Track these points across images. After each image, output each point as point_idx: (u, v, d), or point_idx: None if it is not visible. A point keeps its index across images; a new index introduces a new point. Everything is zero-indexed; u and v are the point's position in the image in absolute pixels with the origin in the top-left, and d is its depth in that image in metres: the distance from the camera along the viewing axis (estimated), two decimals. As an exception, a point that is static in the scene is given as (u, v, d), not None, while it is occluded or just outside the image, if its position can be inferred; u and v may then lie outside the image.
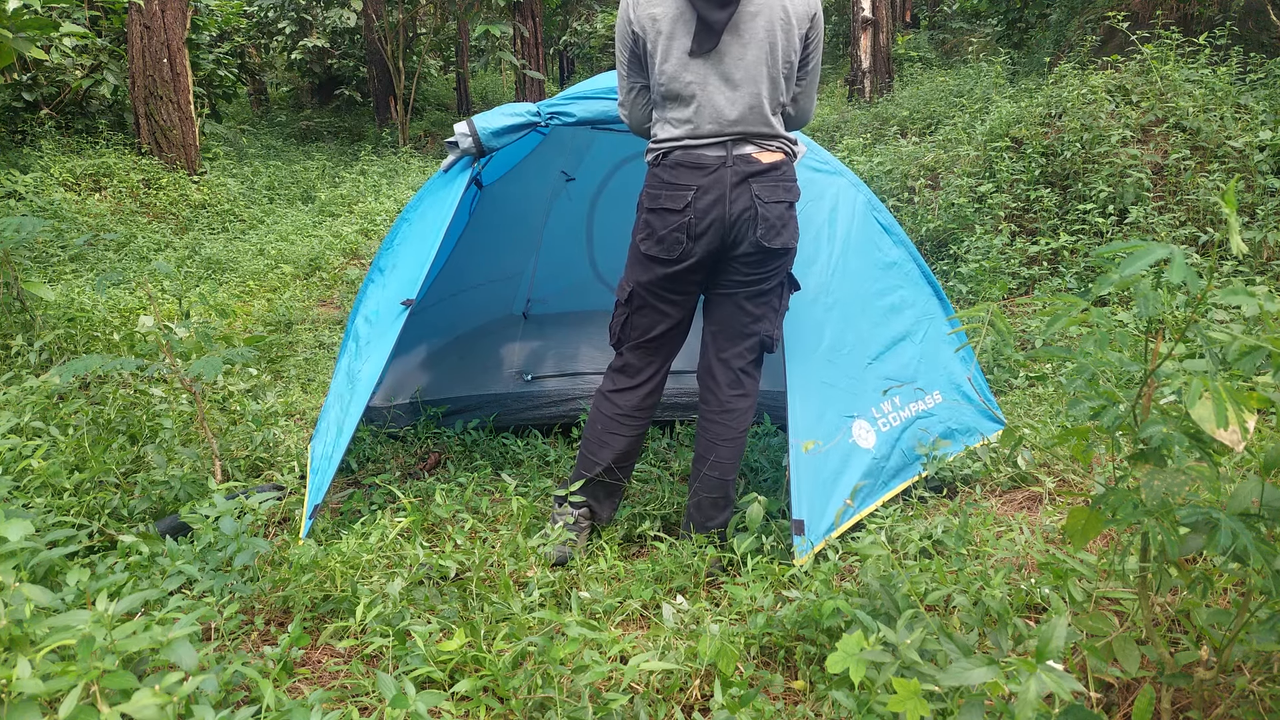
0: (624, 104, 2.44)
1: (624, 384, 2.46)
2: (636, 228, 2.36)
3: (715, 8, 2.15)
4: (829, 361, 2.47)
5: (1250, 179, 4.83)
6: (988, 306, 1.69)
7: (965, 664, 1.25)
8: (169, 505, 2.56)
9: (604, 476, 2.46)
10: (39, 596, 1.33)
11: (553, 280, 4.24)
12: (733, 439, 2.41)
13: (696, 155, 2.24)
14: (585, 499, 2.45)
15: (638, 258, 2.36)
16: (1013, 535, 2.16)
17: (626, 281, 2.41)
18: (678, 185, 2.24)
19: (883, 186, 6.27)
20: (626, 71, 2.38)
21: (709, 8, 2.15)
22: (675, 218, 2.25)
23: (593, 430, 2.48)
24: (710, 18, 2.16)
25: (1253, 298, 1.23)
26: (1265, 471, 1.28)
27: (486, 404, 3.57)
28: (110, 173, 7.88)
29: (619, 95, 2.45)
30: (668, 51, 2.22)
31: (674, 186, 2.25)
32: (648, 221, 2.30)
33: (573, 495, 2.43)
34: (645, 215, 2.32)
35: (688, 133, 2.24)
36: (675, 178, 2.25)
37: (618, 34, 2.37)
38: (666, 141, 2.28)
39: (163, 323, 2.82)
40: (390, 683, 1.45)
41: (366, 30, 13.31)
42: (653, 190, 2.30)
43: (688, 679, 1.71)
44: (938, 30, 18.65)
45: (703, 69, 2.21)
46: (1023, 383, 3.60)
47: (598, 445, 2.46)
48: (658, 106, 2.33)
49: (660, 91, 2.28)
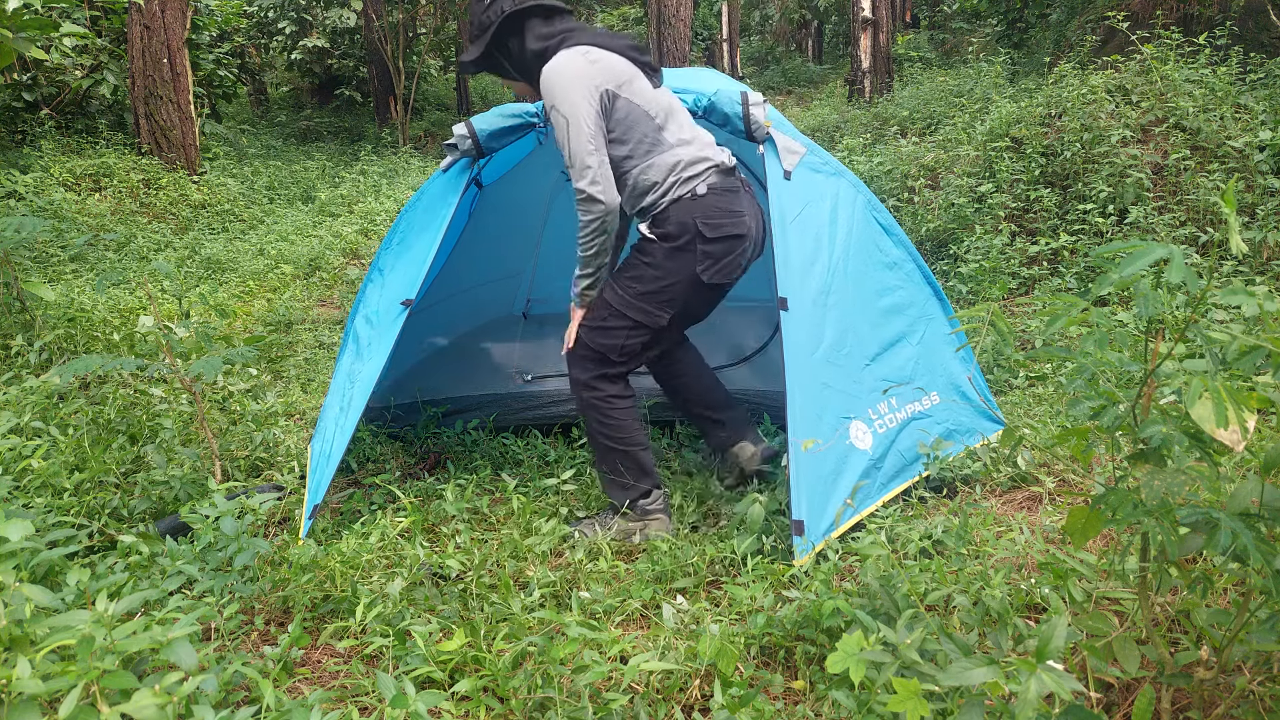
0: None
1: (627, 392, 2.60)
2: (684, 260, 2.42)
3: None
4: (828, 362, 2.47)
5: (1250, 179, 4.83)
6: (988, 306, 1.69)
7: (965, 664, 1.25)
8: (169, 505, 2.56)
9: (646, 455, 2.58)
10: (39, 596, 1.33)
11: (553, 280, 4.23)
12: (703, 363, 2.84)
13: (731, 180, 2.48)
14: (654, 482, 2.57)
15: (692, 286, 2.44)
16: (1013, 535, 2.16)
17: (656, 309, 2.46)
18: (736, 210, 2.42)
19: (883, 186, 6.27)
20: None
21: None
22: (740, 243, 2.44)
23: (623, 430, 2.54)
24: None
25: (1253, 298, 1.23)
26: (1265, 471, 1.28)
27: (486, 404, 3.56)
28: (110, 173, 7.87)
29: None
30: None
31: (734, 213, 2.43)
32: (709, 253, 2.39)
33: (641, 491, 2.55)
34: (705, 246, 2.39)
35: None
36: (731, 204, 2.43)
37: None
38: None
39: (163, 323, 2.81)
40: (390, 683, 1.45)
41: (366, 30, 13.31)
42: (712, 218, 2.40)
43: (688, 679, 1.71)
44: (938, 30, 18.66)
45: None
46: (1023, 383, 3.60)
47: (638, 434, 2.55)
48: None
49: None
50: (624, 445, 2.54)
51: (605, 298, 2.49)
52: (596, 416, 2.54)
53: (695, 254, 2.40)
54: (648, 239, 2.44)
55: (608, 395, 2.53)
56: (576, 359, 2.55)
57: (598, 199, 2.29)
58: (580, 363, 2.54)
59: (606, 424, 2.53)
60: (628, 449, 2.54)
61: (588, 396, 2.53)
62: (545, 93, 2.32)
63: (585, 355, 2.53)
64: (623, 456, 2.54)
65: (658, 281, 2.42)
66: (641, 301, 2.44)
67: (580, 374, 2.54)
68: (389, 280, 2.89)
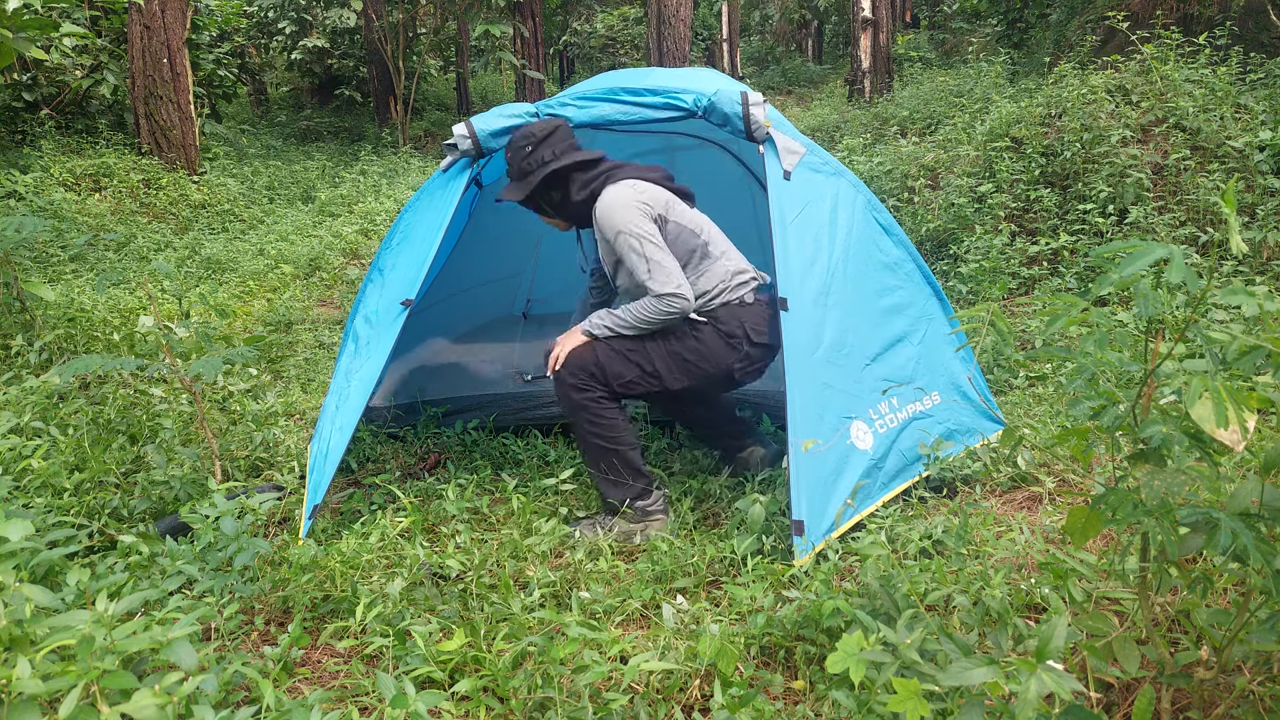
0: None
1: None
2: (727, 352, 2.57)
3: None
4: (829, 362, 2.46)
5: (1250, 179, 4.83)
6: (988, 306, 1.69)
7: (965, 664, 1.25)
8: (169, 505, 2.56)
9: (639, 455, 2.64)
10: (39, 596, 1.33)
11: (553, 280, 4.23)
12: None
13: (767, 294, 2.65)
14: (648, 481, 2.60)
15: (722, 375, 2.60)
16: (1013, 535, 2.16)
17: (681, 375, 2.57)
18: (775, 323, 2.53)
19: (883, 186, 6.26)
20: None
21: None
22: (773, 353, 2.63)
23: (615, 429, 2.57)
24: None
25: (1253, 298, 1.23)
26: (1265, 471, 1.28)
27: (486, 404, 3.56)
28: (110, 173, 7.87)
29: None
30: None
31: (773, 325, 2.55)
32: (749, 355, 2.59)
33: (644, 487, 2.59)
34: (749, 349, 2.58)
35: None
36: (771, 316, 2.58)
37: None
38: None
39: (163, 323, 2.81)
40: (390, 683, 1.45)
41: (366, 30, 13.30)
42: (759, 326, 2.58)
43: (688, 679, 1.71)
44: (938, 30, 18.66)
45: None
46: (1023, 383, 3.60)
47: (627, 433, 2.60)
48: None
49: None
50: (615, 444, 2.55)
51: (643, 339, 2.58)
52: (587, 417, 2.54)
53: (739, 352, 2.57)
54: (700, 322, 2.60)
55: (597, 396, 2.54)
56: (574, 366, 2.54)
57: (684, 298, 2.49)
58: (577, 371, 2.54)
59: (598, 423, 2.54)
60: (619, 448, 2.55)
61: (577, 398, 2.54)
62: (606, 224, 2.52)
63: (586, 367, 2.54)
64: (615, 455, 2.55)
65: (697, 355, 2.56)
66: (673, 361, 2.56)
67: (570, 378, 2.54)
68: (389, 280, 2.89)
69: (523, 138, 2.67)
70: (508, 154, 2.73)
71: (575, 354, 2.56)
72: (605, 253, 2.65)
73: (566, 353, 2.56)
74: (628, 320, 2.54)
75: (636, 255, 2.48)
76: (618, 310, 2.58)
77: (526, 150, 2.66)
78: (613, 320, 2.56)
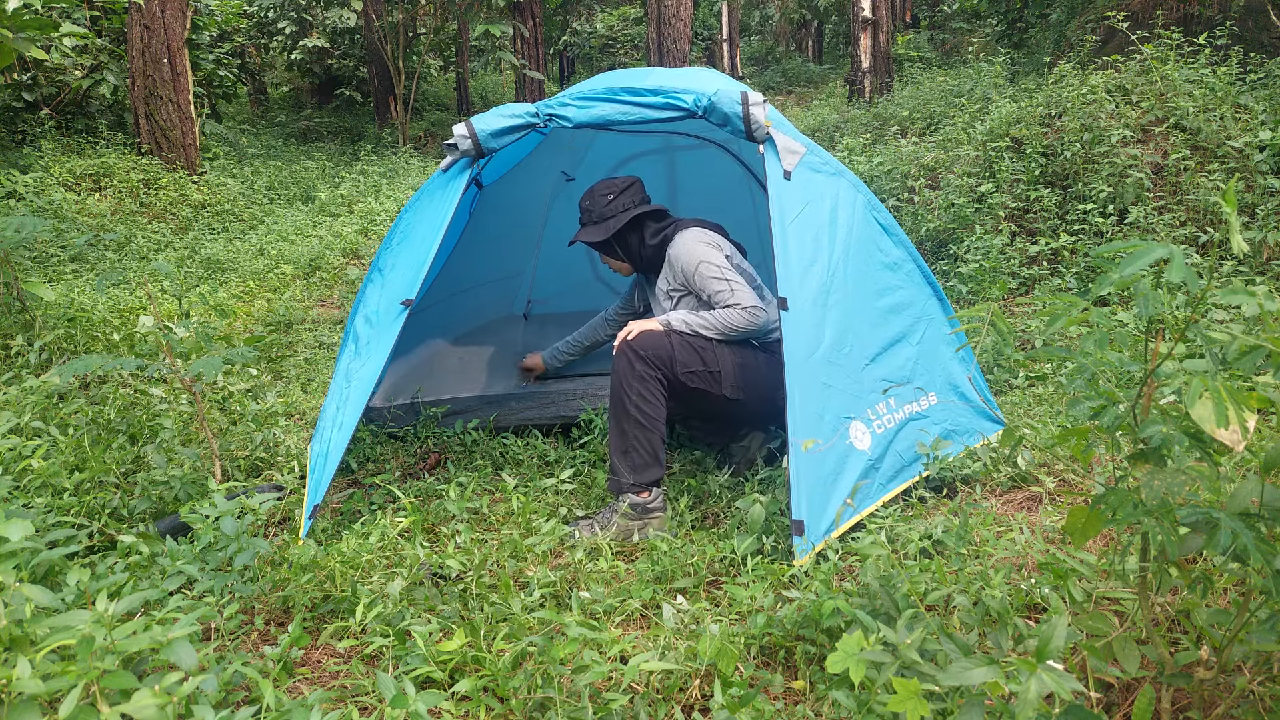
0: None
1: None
2: (775, 378, 2.58)
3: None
4: (829, 362, 2.46)
5: (1250, 179, 4.83)
6: (988, 306, 1.69)
7: (965, 664, 1.25)
8: (169, 505, 2.56)
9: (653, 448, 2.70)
10: (39, 596, 1.33)
11: (553, 280, 4.24)
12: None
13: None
14: (660, 474, 2.64)
15: (770, 393, 2.72)
16: (1013, 535, 2.16)
17: (738, 384, 2.74)
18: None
19: (883, 186, 6.26)
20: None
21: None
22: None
23: (655, 411, 2.64)
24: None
25: (1253, 298, 1.23)
26: (1265, 471, 1.28)
27: (486, 404, 3.56)
28: (110, 173, 7.87)
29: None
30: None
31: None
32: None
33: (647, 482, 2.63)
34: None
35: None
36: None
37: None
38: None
39: (163, 323, 2.81)
40: (390, 683, 1.45)
41: (366, 30, 13.30)
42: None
43: (688, 679, 1.71)
44: (938, 30, 18.67)
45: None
46: (1023, 383, 3.60)
47: (662, 422, 2.66)
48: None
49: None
50: (653, 427, 2.63)
51: (716, 343, 2.74)
52: (640, 390, 2.63)
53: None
54: (760, 349, 2.81)
55: (657, 377, 2.65)
56: (647, 343, 2.66)
57: (765, 311, 2.75)
58: (649, 348, 2.65)
59: (647, 400, 2.63)
60: (651, 430, 2.63)
61: (640, 369, 2.63)
62: (687, 259, 2.79)
63: (658, 348, 2.64)
64: (646, 435, 2.62)
65: (756, 373, 2.76)
66: (737, 369, 2.74)
67: (641, 351, 2.64)
68: (389, 280, 2.89)
69: (605, 186, 2.98)
70: (585, 201, 3.01)
71: (650, 334, 2.68)
72: (672, 289, 2.88)
73: (640, 333, 2.69)
74: (710, 322, 2.72)
75: (718, 280, 2.73)
76: (700, 312, 2.75)
77: (609, 198, 2.95)
78: (696, 321, 2.73)
